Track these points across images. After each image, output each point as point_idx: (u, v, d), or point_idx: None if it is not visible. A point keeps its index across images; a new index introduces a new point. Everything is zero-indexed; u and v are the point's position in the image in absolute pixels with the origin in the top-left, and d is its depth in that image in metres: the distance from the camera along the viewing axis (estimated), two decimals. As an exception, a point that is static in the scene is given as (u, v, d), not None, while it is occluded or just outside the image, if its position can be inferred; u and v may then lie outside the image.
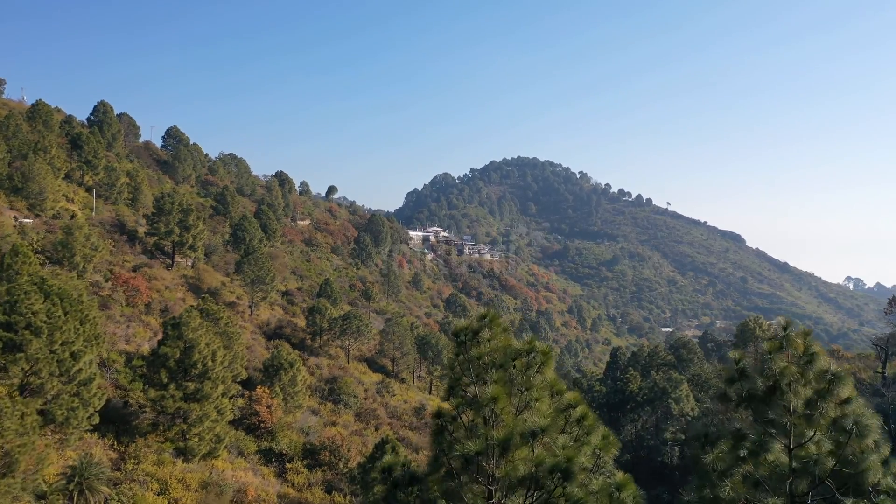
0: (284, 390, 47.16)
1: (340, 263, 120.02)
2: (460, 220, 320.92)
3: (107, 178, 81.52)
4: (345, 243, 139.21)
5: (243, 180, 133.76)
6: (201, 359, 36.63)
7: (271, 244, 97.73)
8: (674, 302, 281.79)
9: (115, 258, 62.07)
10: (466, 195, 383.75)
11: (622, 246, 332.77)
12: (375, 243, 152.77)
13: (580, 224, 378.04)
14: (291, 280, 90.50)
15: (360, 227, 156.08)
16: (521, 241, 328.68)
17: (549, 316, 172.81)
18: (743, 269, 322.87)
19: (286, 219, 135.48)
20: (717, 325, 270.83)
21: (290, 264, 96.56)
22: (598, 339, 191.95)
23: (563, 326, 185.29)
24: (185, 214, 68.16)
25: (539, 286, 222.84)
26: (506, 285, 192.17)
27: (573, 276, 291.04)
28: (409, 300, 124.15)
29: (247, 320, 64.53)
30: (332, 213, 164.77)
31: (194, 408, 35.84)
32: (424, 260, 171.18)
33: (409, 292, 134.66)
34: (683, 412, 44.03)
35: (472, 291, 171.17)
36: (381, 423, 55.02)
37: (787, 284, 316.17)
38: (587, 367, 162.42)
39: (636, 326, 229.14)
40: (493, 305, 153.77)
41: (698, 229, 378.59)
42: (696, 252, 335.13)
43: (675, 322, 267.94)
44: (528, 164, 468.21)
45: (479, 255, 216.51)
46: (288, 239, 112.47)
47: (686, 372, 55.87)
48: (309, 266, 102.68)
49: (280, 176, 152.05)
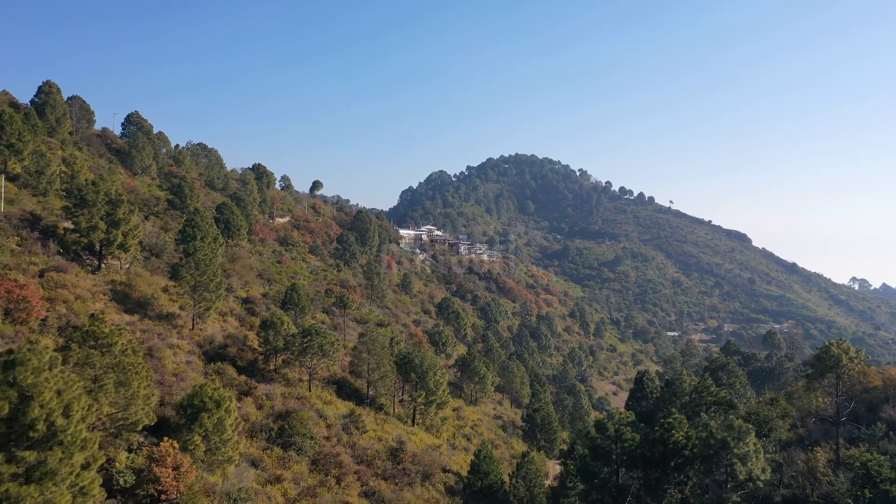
0: (208, 439, 34.77)
1: (319, 265, 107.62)
2: (456, 219, 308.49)
3: (34, 164, 68.95)
4: (326, 243, 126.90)
5: (214, 172, 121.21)
6: (44, 415, 24.10)
7: (235, 243, 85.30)
8: (679, 304, 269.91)
9: (16, 259, 49.55)
10: (463, 193, 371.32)
11: (624, 246, 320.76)
12: (361, 243, 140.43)
13: (580, 223, 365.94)
14: (257, 285, 78.06)
15: (344, 226, 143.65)
16: (520, 240, 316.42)
17: (551, 321, 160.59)
18: (750, 269, 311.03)
19: (262, 215, 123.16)
20: (726, 328, 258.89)
21: (256, 266, 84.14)
22: (603, 345, 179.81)
23: (566, 332, 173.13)
24: (114, 206, 55.57)
25: (539, 288, 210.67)
26: (504, 287, 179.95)
27: (574, 277, 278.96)
28: (396, 305, 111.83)
29: (185, 336, 52.05)
30: (317, 209, 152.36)
31: (30, 493, 23.33)
32: (416, 260, 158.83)
33: (397, 296, 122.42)
34: (752, 475, 31.77)
35: (468, 294, 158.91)
36: (346, 473, 42.72)
37: (795, 286, 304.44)
38: (597, 386, 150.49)
39: (641, 331, 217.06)
40: (490, 310, 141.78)
41: (703, 228, 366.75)
42: (700, 252, 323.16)
43: (681, 325, 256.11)
44: (526, 161, 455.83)
45: (475, 256, 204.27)
46: (259, 238, 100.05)
47: (735, 409, 43.74)
48: (280, 268, 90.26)
49: (257, 169, 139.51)
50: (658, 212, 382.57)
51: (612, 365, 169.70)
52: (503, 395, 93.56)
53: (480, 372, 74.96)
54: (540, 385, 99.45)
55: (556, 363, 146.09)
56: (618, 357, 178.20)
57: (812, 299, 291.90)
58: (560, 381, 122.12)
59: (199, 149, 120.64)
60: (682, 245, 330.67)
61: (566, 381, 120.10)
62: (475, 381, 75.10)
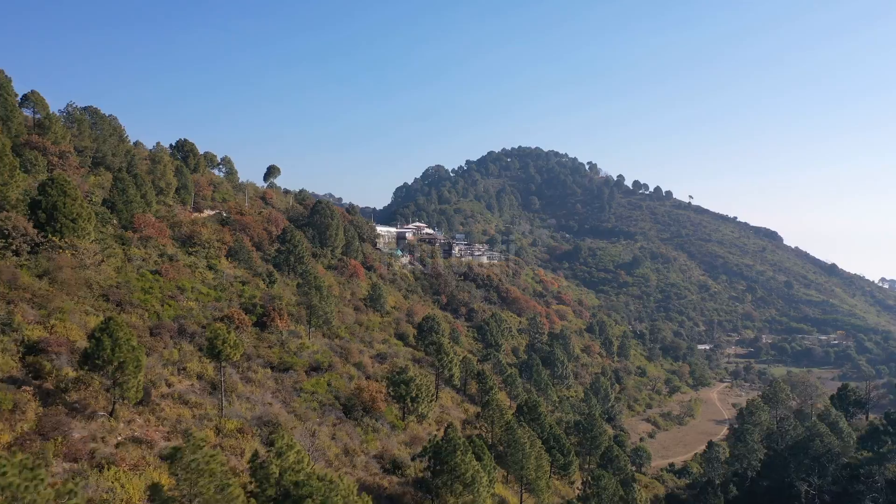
0: None
1: (240, 275, 74.20)
2: (452, 217, 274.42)
3: None
4: (267, 243, 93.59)
5: (109, 146, 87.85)
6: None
7: (70, 244, 51.64)
8: (708, 312, 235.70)
9: None
10: (461, 188, 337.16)
11: (642, 245, 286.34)
12: (321, 242, 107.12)
13: (591, 220, 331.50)
14: (82, 314, 44.59)
15: (298, 220, 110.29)
16: (524, 240, 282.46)
17: (566, 341, 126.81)
18: (784, 271, 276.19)
19: (179, 206, 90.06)
20: (764, 339, 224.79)
21: (100, 283, 50.74)
22: (630, 367, 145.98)
23: (585, 353, 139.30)
24: None
25: (549, 296, 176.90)
26: (507, 298, 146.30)
27: (586, 281, 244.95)
28: (354, 331, 78.37)
29: None
30: (267, 200, 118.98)
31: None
32: (395, 265, 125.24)
33: (362, 315, 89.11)
34: None
35: (461, 308, 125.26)
36: None
37: (837, 289, 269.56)
38: (629, 425, 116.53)
39: (670, 346, 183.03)
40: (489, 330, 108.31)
41: (728, 226, 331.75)
42: (728, 252, 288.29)
43: (712, 337, 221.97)
44: (530, 154, 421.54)
45: (472, 258, 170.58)
46: (139, 236, 66.58)
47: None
48: (154, 284, 56.80)
49: (182, 147, 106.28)
50: (677, 207, 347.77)
51: (644, 394, 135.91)
52: (506, 473, 59.79)
53: (464, 473, 41.23)
54: (563, 454, 66.15)
55: (575, 397, 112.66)
56: (649, 383, 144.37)
57: (858, 305, 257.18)
58: (585, 430, 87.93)
59: (83, 113, 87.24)
60: (706, 244, 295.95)
61: (592, 429, 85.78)
62: (457, 492, 41.36)
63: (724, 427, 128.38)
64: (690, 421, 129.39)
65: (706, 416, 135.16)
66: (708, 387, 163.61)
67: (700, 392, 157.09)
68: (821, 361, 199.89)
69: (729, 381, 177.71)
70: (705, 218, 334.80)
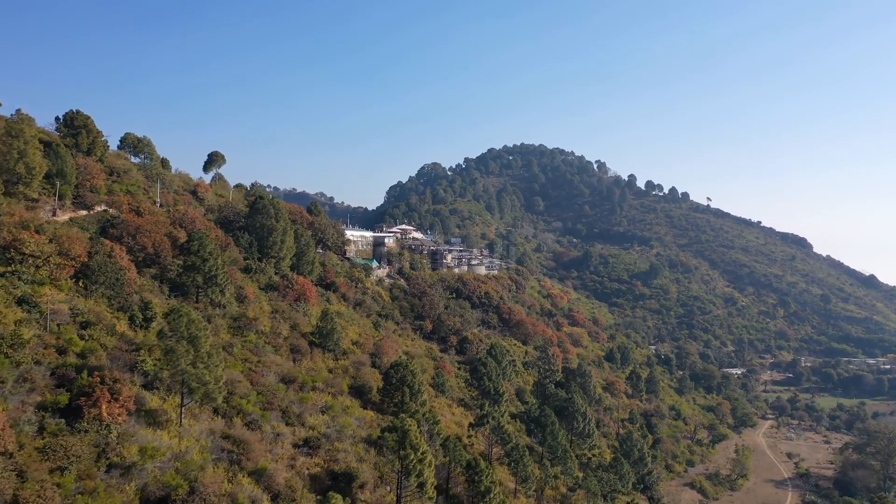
0: None
1: (91, 309, 46.27)
2: (448, 218, 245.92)
3: None
4: (173, 254, 65.45)
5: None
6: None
7: None
8: (736, 330, 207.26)
9: None
10: (458, 187, 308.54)
11: (658, 252, 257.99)
12: (260, 250, 79.08)
13: (601, 223, 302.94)
14: None
15: (227, 222, 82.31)
16: (527, 244, 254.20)
17: (586, 380, 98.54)
18: (818, 283, 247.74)
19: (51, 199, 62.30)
20: (803, 362, 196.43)
21: None
22: (662, 408, 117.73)
23: (607, 393, 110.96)
24: None
25: (558, 315, 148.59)
26: (509, 320, 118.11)
27: (598, 293, 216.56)
28: (274, 398, 50.14)
29: None
30: (198, 194, 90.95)
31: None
32: (366, 282, 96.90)
33: (302, 363, 61.26)
34: None
35: (451, 337, 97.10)
36: None
37: (878, 304, 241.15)
38: (668, 493, 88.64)
39: (701, 374, 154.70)
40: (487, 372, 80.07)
41: (751, 231, 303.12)
42: (753, 261, 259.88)
43: (744, 359, 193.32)
44: (533, 151, 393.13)
45: (467, 269, 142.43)
46: None
47: None
48: None
49: (72, 122, 78.24)
50: (695, 210, 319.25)
51: (682, 447, 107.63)
52: None
53: None
54: None
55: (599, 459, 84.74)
56: (686, 431, 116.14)
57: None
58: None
59: None
60: (728, 251, 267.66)
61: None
62: None
63: (788, 492, 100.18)
64: (743, 484, 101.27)
65: (760, 474, 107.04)
66: (752, 427, 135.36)
67: (743, 435, 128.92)
68: (873, 391, 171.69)
69: (772, 417, 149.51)
70: (726, 222, 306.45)
